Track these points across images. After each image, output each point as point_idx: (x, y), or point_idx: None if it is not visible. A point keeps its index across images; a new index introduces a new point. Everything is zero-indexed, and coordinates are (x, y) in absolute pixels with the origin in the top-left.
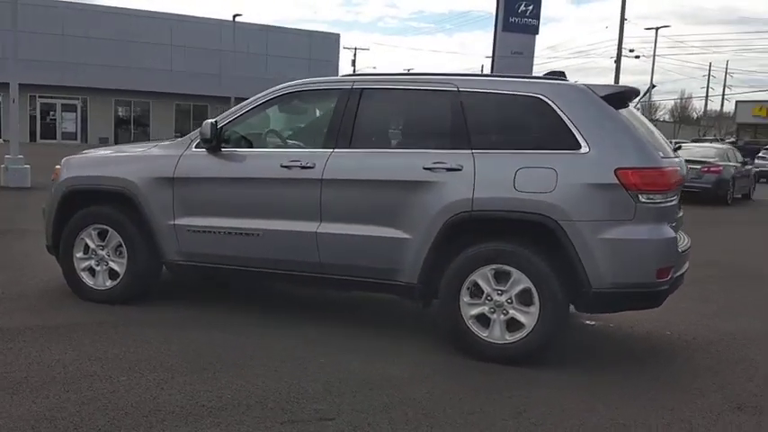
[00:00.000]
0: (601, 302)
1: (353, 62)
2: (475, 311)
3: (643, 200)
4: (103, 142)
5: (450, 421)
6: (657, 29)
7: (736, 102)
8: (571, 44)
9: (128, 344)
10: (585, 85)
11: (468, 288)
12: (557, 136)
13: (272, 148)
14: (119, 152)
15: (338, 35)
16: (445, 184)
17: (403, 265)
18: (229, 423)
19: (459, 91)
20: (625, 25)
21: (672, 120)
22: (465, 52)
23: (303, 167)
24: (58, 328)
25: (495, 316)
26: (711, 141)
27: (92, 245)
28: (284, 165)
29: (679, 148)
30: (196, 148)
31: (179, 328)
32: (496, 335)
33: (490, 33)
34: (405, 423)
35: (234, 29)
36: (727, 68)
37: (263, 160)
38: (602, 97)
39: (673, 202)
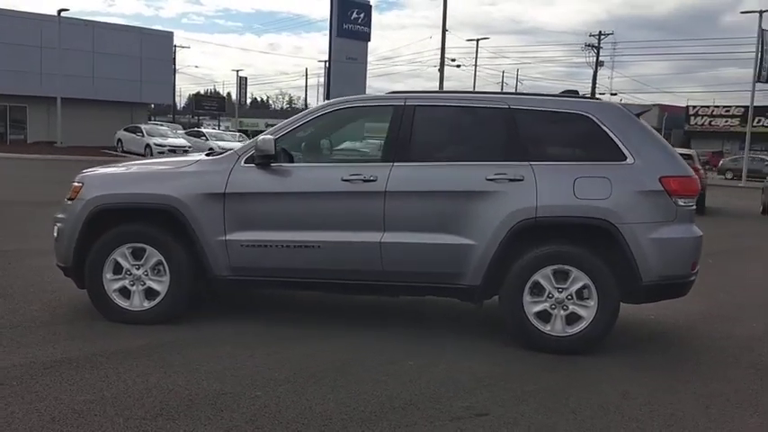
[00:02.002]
0: (648, 294)
1: (174, 60)
2: (537, 308)
3: (681, 203)
4: None
5: (581, 408)
6: (478, 40)
7: None
8: (376, 51)
9: (220, 361)
10: (620, 104)
11: (529, 287)
12: (604, 149)
13: (327, 162)
14: (148, 168)
15: (171, 33)
16: (508, 194)
17: (466, 269)
18: (407, 424)
19: (510, 108)
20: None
21: None
22: (275, 52)
23: (365, 180)
24: (130, 353)
25: (555, 311)
26: None
27: (126, 264)
28: (345, 178)
29: None
30: (246, 163)
31: (250, 343)
32: (558, 328)
33: (299, 35)
34: (551, 413)
35: (59, 24)
36: (517, 75)
37: (321, 174)
38: (634, 114)
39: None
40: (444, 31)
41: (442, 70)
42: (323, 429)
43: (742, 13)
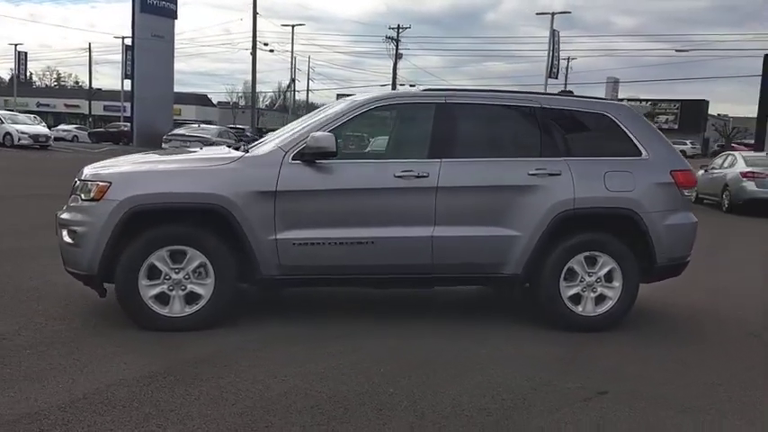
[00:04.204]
0: (658, 274)
1: None
2: (571, 292)
3: (686, 193)
4: None
5: (669, 380)
6: (294, 26)
7: (338, 95)
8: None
9: (315, 362)
10: (629, 104)
11: (565, 273)
12: (623, 145)
13: (369, 159)
14: (182, 164)
15: None
16: (549, 187)
17: (510, 259)
18: (556, 408)
19: (542, 107)
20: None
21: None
22: (40, 22)
23: (418, 177)
24: (212, 361)
25: (586, 294)
26: None
27: (164, 269)
28: (398, 175)
29: None
30: (293, 159)
31: (315, 341)
32: (588, 309)
33: (65, 6)
34: (656, 387)
35: None
36: (309, 62)
37: (373, 170)
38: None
39: None
40: (255, 14)
41: (254, 54)
42: (496, 420)
43: (537, 14)
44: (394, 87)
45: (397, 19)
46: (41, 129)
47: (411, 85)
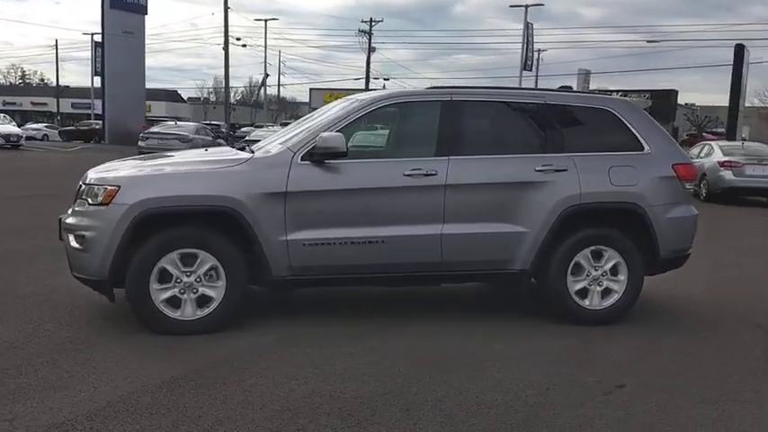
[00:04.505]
0: (661, 267)
1: None
2: (578, 287)
3: (687, 187)
4: None
5: (681, 373)
6: (267, 20)
7: (310, 89)
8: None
9: (331, 362)
10: (629, 99)
11: (571, 268)
12: (626, 140)
13: (378, 158)
14: (189, 167)
15: None
16: (556, 183)
17: (519, 255)
18: (580, 403)
19: (546, 103)
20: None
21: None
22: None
23: (427, 175)
24: (229, 365)
25: (592, 288)
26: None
27: (175, 272)
28: (407, 173)
29: None
30: (302, 160)
31: (323, 342)
32: (595, 303)
33: (27, 4)
34: (671, 377)
35: None
36: (280, 57)
37: (382, 170)
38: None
39: None
40: (227, 8)
41: (226, 49)
42: (524, 417)
43: (511, 6)
44: (368, 80)
45: (365, 12)
46: (13, 128)
47: (385, 79)
